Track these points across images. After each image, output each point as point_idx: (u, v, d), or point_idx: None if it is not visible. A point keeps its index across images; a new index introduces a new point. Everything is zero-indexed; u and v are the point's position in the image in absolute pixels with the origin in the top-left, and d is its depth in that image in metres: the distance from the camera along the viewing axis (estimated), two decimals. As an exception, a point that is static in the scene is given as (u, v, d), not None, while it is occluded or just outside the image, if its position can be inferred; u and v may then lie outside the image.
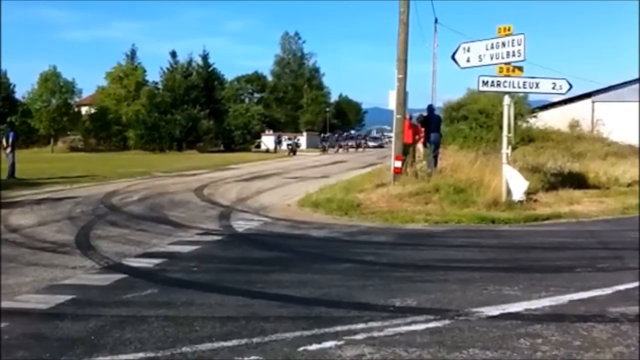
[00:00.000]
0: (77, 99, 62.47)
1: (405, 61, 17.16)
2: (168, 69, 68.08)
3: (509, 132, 14.70)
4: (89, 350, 4.75)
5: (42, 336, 5.13)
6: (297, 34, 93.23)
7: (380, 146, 76.78)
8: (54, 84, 58.25)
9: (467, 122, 28.92)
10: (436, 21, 32.27)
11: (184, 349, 4.75)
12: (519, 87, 14.99)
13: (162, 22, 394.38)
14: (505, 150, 14.55)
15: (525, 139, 28.06)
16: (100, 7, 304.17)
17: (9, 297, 6.34)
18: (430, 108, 20.88)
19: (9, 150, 22.68)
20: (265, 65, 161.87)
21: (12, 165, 22.24)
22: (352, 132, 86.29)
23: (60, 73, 59.36)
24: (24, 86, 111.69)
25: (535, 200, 14.89)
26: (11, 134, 23.70)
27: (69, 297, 6.33)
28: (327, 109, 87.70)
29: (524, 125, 29.31)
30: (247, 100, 79.71)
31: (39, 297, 6.38)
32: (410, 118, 19.64)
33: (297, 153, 52.64)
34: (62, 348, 4.80)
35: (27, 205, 14.54)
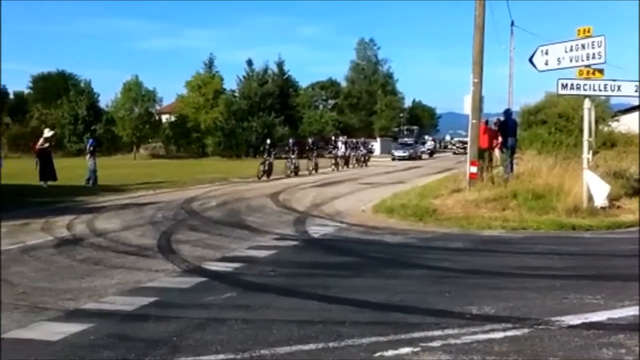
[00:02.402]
0: (157, 107, 64.57)
1: (481, 65, 16.91)
2: (244, 77, 69.54)
3: (589, 136, 14.27)
4: (172, 351, 4.92)
5: (127, 337, 5.33)
6: (372, 40, 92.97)
7: (412, 157, 54.70)
8: (136, 93, 60.44)
9: (546, 126, 28.27)
10: (512, 24, 31.62)
11: (262, 351, 4.86)
12: (600, 90, 14.52)
13: (238, 29, 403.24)
14: (586, 155, 14.13)
15: (607, 143, 27.22)
16: (179, 17, 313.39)
17: (95, 299, 6.63)
18: (508, 112, 20.55)
19: (89, 157, 23.52)
20: (338, 71, 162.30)
21: (94, 172, 22.99)
22: (426, 136, 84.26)
23: (141, 82, 61.64)
24: (107, 95, 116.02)
25: (618, 207, 14.37)
26: (91, 142, 24.61)
27: (152, 299, 6.57)
28: (402, 115, 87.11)
29: (606, 129, 28.47)
30: (321, 106, 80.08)
31: (124, 299, 6.63)
32: (486, 122, 19.37)
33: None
34: (146, 348, 4.98)
35: (112, 210, 15.10)
